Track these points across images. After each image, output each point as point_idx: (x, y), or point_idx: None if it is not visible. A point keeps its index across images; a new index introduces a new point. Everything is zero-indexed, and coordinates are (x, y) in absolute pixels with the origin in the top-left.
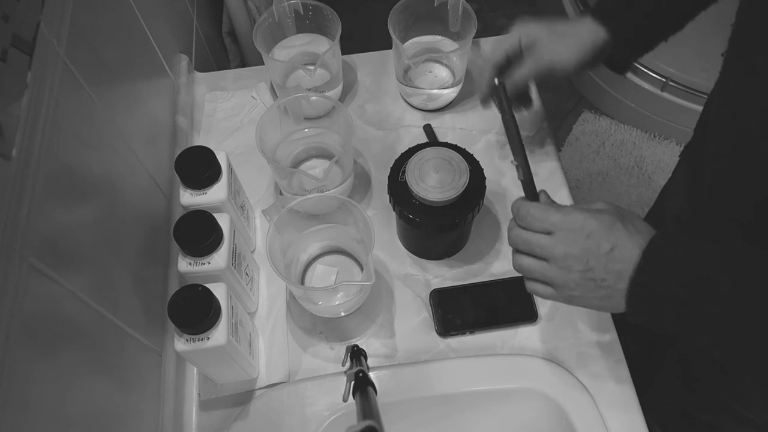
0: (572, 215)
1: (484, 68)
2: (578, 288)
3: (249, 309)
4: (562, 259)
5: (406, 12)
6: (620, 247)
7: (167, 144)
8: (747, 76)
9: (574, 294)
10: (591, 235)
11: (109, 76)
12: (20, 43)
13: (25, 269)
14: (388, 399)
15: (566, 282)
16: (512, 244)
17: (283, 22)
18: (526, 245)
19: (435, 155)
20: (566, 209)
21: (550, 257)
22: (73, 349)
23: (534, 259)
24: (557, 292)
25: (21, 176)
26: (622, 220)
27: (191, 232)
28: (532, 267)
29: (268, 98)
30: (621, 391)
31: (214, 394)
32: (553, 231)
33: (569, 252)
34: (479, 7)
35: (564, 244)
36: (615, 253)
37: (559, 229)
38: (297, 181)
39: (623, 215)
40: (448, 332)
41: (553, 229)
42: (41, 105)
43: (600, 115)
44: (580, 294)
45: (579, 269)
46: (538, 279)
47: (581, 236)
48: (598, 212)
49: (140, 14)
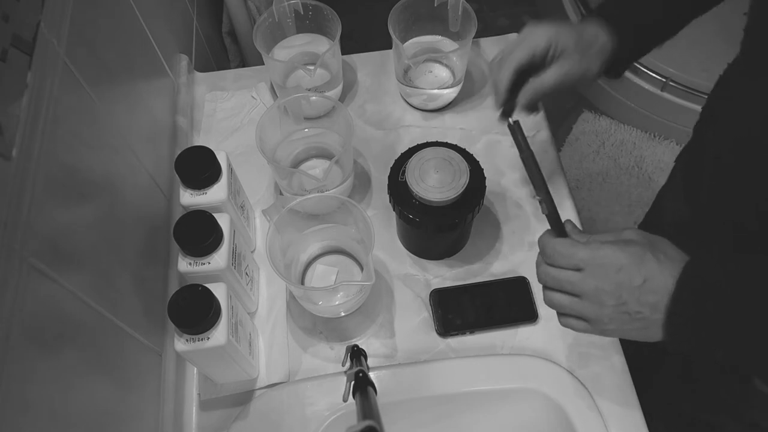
0: (601, 250)
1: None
2: (613, 322)
3: (249, 309)
4: (594, 295)
5: (406, 12)
6: (652, 279)
7: (167, 144)
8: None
9: (610, 327)
10: (622, 269)
11: (109, 76)
12: (20, 43)
13: (25, 269)
14: (388, 399)
15: (600, 317)
16: (541, 281)
17: (283, 22)
18: (555, 282)
19: (435, 155)
20: (594, 244)
21: (581, 293)
22: (73, 349)
23: (565, 295)
24: (592, 326)
25: (21, 176)
26: (652, 250)
27: (191, 232)
28: (564, 303)
29: (268, 98)
30: (621, 391)
31: (214, 394)
32: (583, 267)
33: (600, 287)
34: (479, 7)
35: (594, 280)
36: (648, 285)
37: (588, 264)
38: (297, 181)
39: (653, 244)
40: (448, 332)
41: (582, 265)
42: (41, 105)
43: (600, 115)
44: (615, 327)
45: (612, 304)
46: (571, 314)
47: (612, 271)
48: (627, 244)
49: (140, 14)
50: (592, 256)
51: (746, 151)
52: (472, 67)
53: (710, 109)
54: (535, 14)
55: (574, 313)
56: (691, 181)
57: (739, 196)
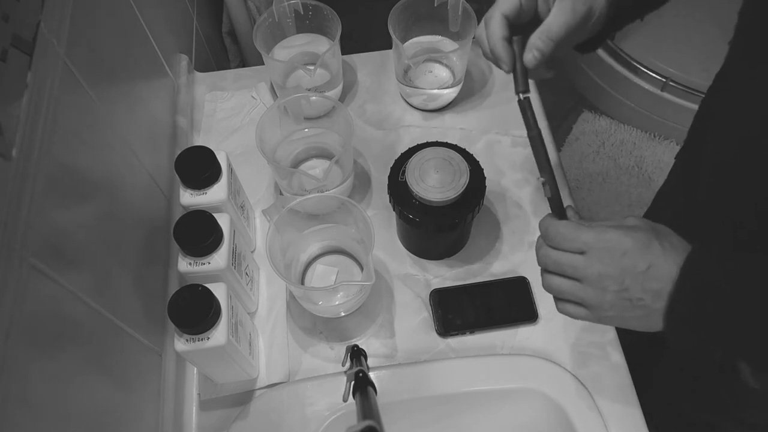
0: (606, 233)
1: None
2: (613, 308)
3: (249, 309)
4: (597, 280)
5: (406, 12)
6: (657, 266)
7: (167, 144)
8: (751, 80)
9: (609, 314)
10: (627, 254)
11: (109, 76)
12: (20, 43)
13: (25, 269)
14: (388, 399)
15: (601, 303)
16: (541, 264)
17: (283, 22)
18: (556, 266)
19: (435, 155)
20: (598, 227)
21: (583, 277)
22: (73, 349)
23: (565, 280)
24: (591, 313)
25: (21, 176)
26: (658, 238)
27: (191, 232)
28: (564, 287)
29: (268, 98)
30: (621, 391)
31: (214, 394)
32: (586, 250)
33: (604, 272)
34: (479, 7)
35: (599, 264)
36: (652, 272)
37: (592, 248)
38: (297, 181)
39: (658, 231)
40: (448, 332)
41: (585, 248)
42: (41, 105)
43: (600, 115)
44: (615, 314)
45: (614, 289)
46: (570, 300)
47: (617, 255)
48: (632, 229)
49: (140, 14)
50: (597, 238)
51: (745, 149)
52: (472, 67)
53: (708, 106)
54: None
55: (573, 299)
56: (690, 178)
57: (737, 195)
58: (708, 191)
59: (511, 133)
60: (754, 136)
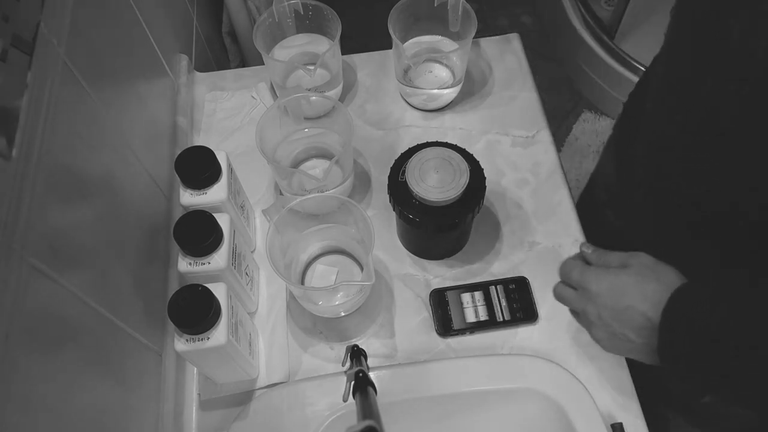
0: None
1: None
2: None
3: (249, 309)
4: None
5: (406, 12)
6: (634, 307)
7: (167, 144)
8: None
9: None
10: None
11: (109, 76)
12: (20, 43)
13: (25, 269)
14: (388, 399)
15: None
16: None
17: (283, 22)
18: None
19: (435, 155)
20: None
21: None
22: (73, 349)
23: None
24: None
25: (21, 176)
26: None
27: (191, 232)
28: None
29: (268, 98)
30: (621, 390)
31: (214, 394)
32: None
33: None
34: (479, 7)
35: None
36: (629, 313)
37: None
38: (297, 181)
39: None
40: (448, 332)
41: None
42: (41, 105)
43: (600, 115)
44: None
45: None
46: None
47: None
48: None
49: (140, 14)
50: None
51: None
52: (472, 67)
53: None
54: (535, 14)
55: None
56: (625, 157)
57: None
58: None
59: (511, 133)
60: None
